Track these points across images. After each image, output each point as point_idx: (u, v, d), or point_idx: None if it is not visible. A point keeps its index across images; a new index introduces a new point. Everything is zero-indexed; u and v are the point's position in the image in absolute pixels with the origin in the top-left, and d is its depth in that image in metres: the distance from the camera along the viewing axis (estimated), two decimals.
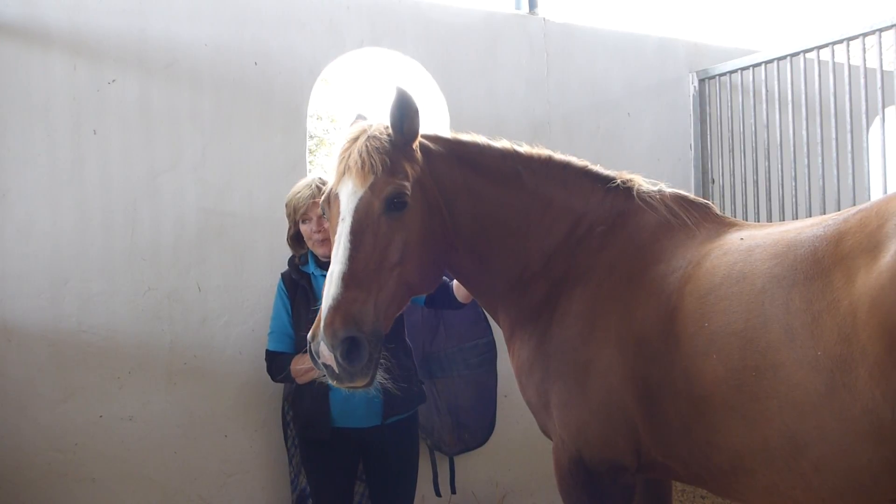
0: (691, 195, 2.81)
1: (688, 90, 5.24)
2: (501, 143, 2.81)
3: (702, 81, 5.20)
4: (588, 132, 4.92)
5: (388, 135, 2.51)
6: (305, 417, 3.25)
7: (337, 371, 2.27)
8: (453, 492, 4.21)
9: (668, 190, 2.79)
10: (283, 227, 4.04)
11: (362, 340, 2.26)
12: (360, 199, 2.41)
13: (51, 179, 3.69)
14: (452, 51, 4.55)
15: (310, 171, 4.25)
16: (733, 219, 2.77)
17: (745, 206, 4.87)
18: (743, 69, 4.87)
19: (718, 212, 2.78)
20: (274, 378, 3.34)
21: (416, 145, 2.57)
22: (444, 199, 2.64)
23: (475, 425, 4.34)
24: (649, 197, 2.74)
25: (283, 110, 4.13)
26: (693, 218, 2.67)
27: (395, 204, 2.42)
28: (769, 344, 2.05)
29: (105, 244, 3.78)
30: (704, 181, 5.19)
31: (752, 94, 4.80)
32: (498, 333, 4.12)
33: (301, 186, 3.41)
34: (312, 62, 4.20)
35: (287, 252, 4.08)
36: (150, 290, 3.85)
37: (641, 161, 5.01)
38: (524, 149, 2.82)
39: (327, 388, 3.02)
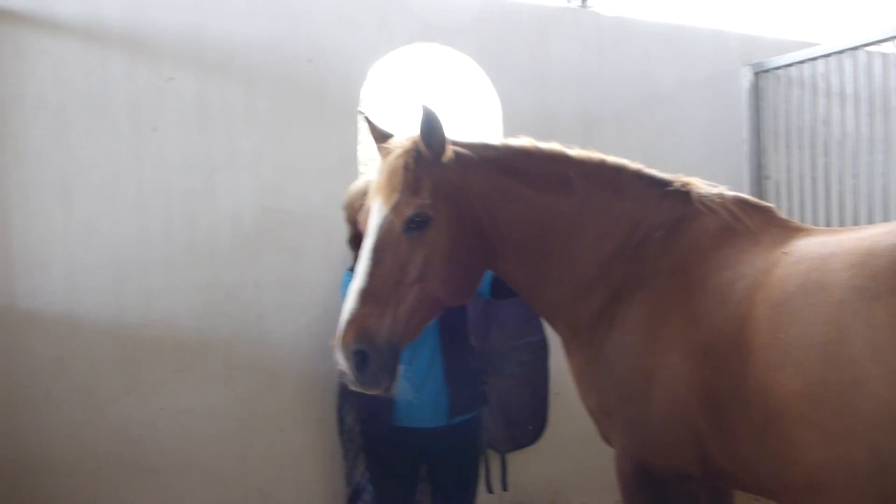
0: (753, 198, 2.75)
1: (742, 83, 5.14)
2: (551, 147, 2.75)
3: (756, 75, 5.09)
4: (640, 127, 4.86)
5: (418, 150, 2.54)
6: (367, 411, 3.26)
7: (352, 378, 2.47)
8: (505, 489, 4.22)
9: (729, 193, 2.72)
10: (337, 223, 4.07)
11: (370, 354, 2.42)
12: (384, 218, 2.51)
13: (112, 177, 3.76)
14: (504, 46, 4.53)
15: (361, 168, 4.28)
16: (799, 223, 2.71)
17: (801, 203, 4.78)
18: (801, 62, 4.75)
19: (782, 216, 2.73)
20: None
21: (446, 159, 2.57)
22: (486, 209, 2.63)
23: (527, 423, 4.33)
24: (709, 200, 2.67)
25: (336, 107, 4.15)
26: (756, 223, 2.60)
27: (415, 224, 2.49)
28: (851, 358, 2.01)
29: (165, 240, 3.84)
30: (759, 177, 5.10)
31: (810, 88, 4.70)
32: (551, 331, 4.12)
33: (357, 185, 3.43)
34: (364, 59, 4.20)
35: (340, 249, 4.13)
36: (209, 285, 3.91)
37: (693, 156, 4.94)
38: (575, 152, 2.76)
39: None
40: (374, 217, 2.53)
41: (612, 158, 2.78)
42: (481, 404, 3.43)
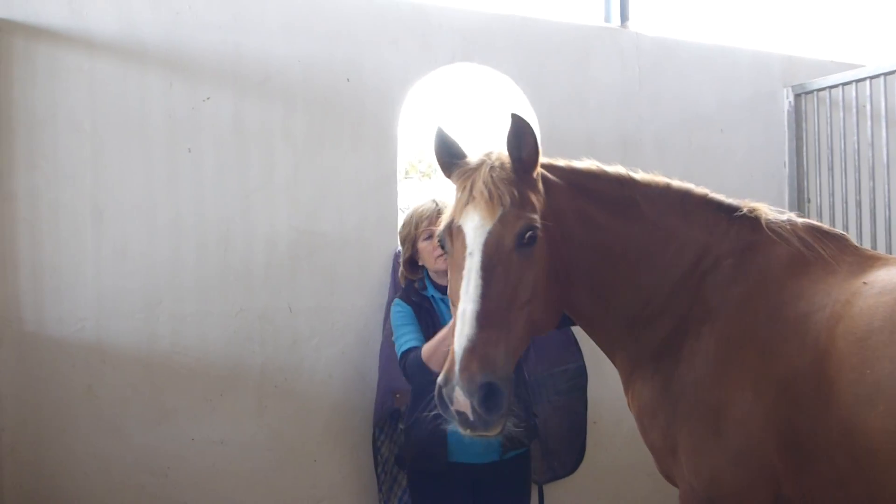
0: (825, 226, 2.66)
1: (782, 105, 5.04)
2: (616, 170, 2.67)
3: (797, 97, 4.99)
4: (680, 148, 4.75)
5: (511, 164, 2.40)
6: (420, 448, 3.11)
7: (472, 419, 2.13)
8: None
9: (799, 220, 2.64)
10: (373, 248, 4.01)
11: (500, 387, 2.14)
12: (490, 233, 2.29)
13: (146, 198, 3.64)
14: (543, 65, 4.43)
15: (400, 190, 4.17)
16: (875, 252, 2.60)
17: (845, 227, 4.65)
18: (845, 84, 4.65)
19: (856, 243, 2.62)
20: (412, 378, 3.07)
21: (536, 174, 2.45)
22: (561, 230, 2.50)
23: (565, 453, 4.20)
24: (779, 227, 2.58)
25: (374, 128, 4.04)
26: (829, 251, 2.50)
27: (525, 239, 2.31)
28: None
29: (198, 264, 3.72)
30: (800, 200, 4.98)
31: (854, 110, 4.58)
32: (589, 359, 4.00)
33: (424, 205, 3.29)
34: (404, 78, 4.10)
35: (376, 273, 4.01)
36: (242, 310, 3.78)
37: (733, 178, 4.83)
38: (640, 176, 2.68)
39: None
40: (475, 233, 2.30)
41: (677, 182, 2.70)
42: (532, 437, 3.29)
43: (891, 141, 4.41)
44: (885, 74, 4.35)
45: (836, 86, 4.72)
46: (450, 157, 2.53)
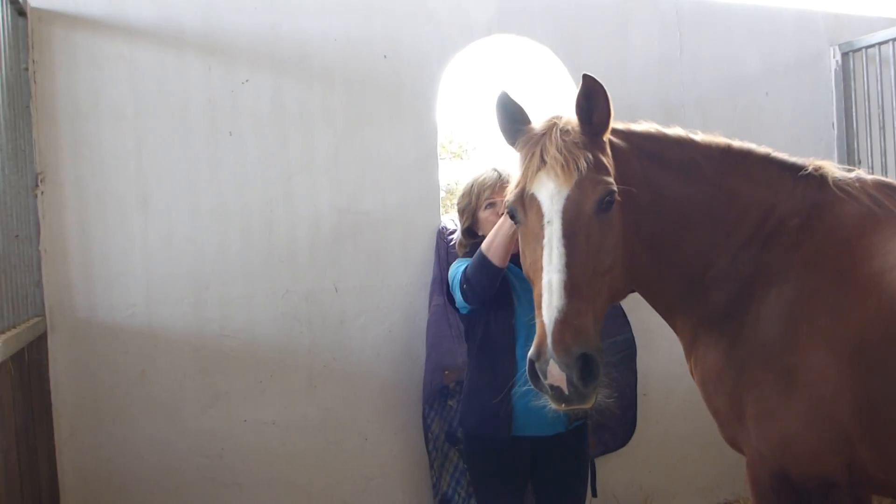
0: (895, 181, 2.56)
1: (829, 65, 4.88)
2: (675, 132, 2.60)
3: (845, 55, 4.83)
4: (724, 113, 4.63)
5: (580, 128, 2.33)
6: (483, 419, 3.05)
7: (567, 393, 2.09)
8: (594, 495, 4.03)
9: (868, 176, 2.54)
10: (416, 225, 3.98)
11: (596, 357, 2.09)
12: (568, 200, 2.24)
13: (189, 184, 3.66)
14: (582, 34, 4.33)
15: (441, 166, 4.13)
16: None
17: None
18: (894, 40, 4.48)
19: None
20: (473, 282, 2.94)
21: (606, 137, 2.39)
22: (625, 194, 2.42)
23: (615, 426, 4.15)
24: (847, 185, 2.49)
25: (413, 104, 4.00)
26: None
27: (605, 204, 2.26)
28: None
29: (243, 247, 3.73)
30: (850, 161, 4.82)
31: None
32: (637, 330, 3.94)
33: (485, 174, 3.22)
34: (441, 53, 4.05)
35: (420, 250, 3.99)
36: (289, 292, 3.79)
37: (780, 141, 4.54)
38: (700, 137, 2.61)
39: (512, 386, 2.85)
40: (552, 201, 2.25)
41: (738, 142, 2.63)
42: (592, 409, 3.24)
43: None
44: None
45: (885, 42, 4.56)
46: (513, 124, 2.45)
